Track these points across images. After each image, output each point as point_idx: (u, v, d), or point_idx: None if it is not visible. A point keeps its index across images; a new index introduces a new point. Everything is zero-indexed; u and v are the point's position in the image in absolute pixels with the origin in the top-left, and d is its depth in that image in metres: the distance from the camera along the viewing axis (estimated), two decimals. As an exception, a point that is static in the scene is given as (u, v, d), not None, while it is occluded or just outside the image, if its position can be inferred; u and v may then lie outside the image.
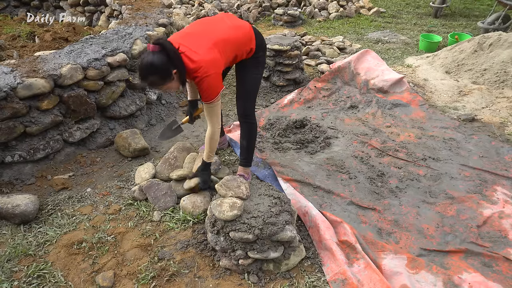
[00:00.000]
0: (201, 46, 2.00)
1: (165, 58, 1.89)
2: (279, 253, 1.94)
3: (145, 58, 1.90)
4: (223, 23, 2.18)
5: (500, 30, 5.40)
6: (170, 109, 3.63)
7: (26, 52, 3.56)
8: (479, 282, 1.93)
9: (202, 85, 2.01)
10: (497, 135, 3.21)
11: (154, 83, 1.96)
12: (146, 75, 1.91)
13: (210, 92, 2.04)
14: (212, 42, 2.03)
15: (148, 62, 1.88)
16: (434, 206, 2.47)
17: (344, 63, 4.06)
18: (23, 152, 2.59)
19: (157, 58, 1.88)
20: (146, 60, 1.89)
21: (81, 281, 1.93)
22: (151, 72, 1.90)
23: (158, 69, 1.89)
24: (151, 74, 1.91)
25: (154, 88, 2.02)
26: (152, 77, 1.92)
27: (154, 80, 1.93)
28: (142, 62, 1.90)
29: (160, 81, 1.94)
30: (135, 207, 2.42)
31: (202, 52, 1.99)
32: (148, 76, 1.92)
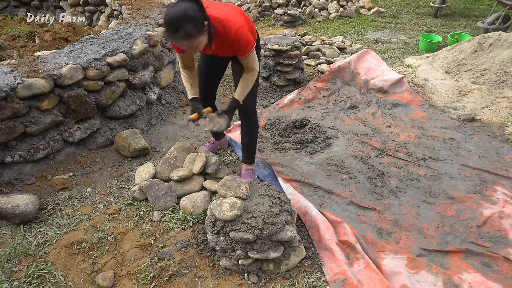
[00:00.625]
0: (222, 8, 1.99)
1: (198, 7, 1.76)
2: (279, 253, 1.94)
3: (175, 7, 1.72)
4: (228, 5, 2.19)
5: (500, 30, 5.40)
6: (170, 109, 3.63)
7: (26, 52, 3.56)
8: (479, 282, 1.93)
9: (239, 35, 1.93)
10: (497, 135, 3.21)
11: (189, 34, 1.75)
12: (181, 24, 1.71)
13: (249, 40, 1.99)
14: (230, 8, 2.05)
15: (182, 10, 1.71)
16: (434, 206, 2.47)
17: (344, 63, 4.06)
18: (23, 152, 2.59)
19: (190, 5, 1.73)
20: (178, 9, 1.71)
21: (81, 281, 1.93)
22: (186, 20, 1.71)
23: (194, 17, 1.73)
24: (186, 23, 1.71)
25: (187, 41, 1.79)
26: (187, 25, 1.72)
27: (190, 30, 1.73)
28: (173, 11, 1.71)
29: (195, 32, 1.76)
30: (135, 207, 2.42)
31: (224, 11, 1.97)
32: (183, 25, 1.71)
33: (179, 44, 1.83)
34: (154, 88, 3.49)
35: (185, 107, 3.72)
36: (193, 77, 2.31)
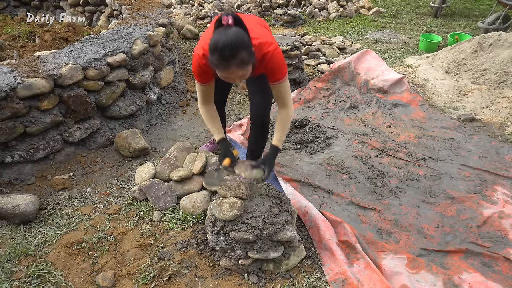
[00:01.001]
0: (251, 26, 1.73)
1: (245, 32, 1.59)
2: (279, 253, 1.94)
3: (227, 33, 1.53)
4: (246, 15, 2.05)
5: (500, 30, 5.40)
6: (170, 109, 3.63)
7: (26, 52, 3.56)
8: (479, 282, 1.93)
9: (275, 58, 1.76)
10: (497, 135, 3.21)
11: (243, 62, 1.57)
12: (237, 51, 1.52)
13: (284, 63, 1.81)
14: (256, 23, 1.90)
15: (235, 35, 1.53)
16: (434, 206, 2.47)
17: (344, 63, 4.06)
18: (23, 152, 2.59)
19: (240, 31, 1.56)
20: (231, 35, 1.53)
21: (81, 281, 1.93)
22: (242, 46, 1.53)
23: (248, 43, 1.57)
24: (242, 49, 1.54)
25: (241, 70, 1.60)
26: (242, 52, 1.54)
27: (244, 57, 1.56)
28: (226, 38, 1.52)
29: (249, 59, 1.58)
30: (135, 207, 2.42)
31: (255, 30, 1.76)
32: (239, 52, 1.53)
33: (230, 74, 1.61)
34: (154, 88, 3.49)
35: (185, 107, 3.72)
36: (215, 114, 2.06)
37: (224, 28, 1.56)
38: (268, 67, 1.79)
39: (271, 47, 1.74)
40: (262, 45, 1.72)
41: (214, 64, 1.60)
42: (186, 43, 5.34)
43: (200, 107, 2.06)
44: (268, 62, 1.76)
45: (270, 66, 1.78)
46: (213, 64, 1.61)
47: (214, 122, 2.07)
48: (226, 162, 1.98)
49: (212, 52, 1.57)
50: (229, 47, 1.52)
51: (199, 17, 6.40)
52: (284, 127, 2.01)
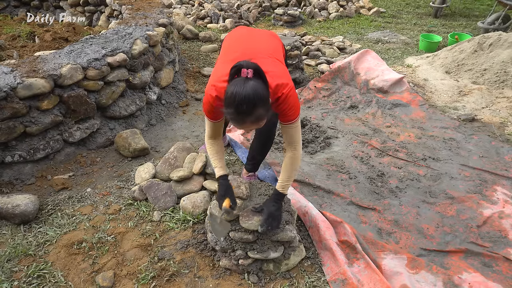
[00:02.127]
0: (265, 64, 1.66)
1: (263, 83, 1.53)
2: (279, 253, 1.93)
3: (246, 87, 1.45)
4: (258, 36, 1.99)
5: (500, 30, 5.40)
6: (170, 109, 3.63)
7: (26, 52, 3.55)
8: (479, 282, 1.93)
9: (289, 100, 1.69)
10: (497, 135, 3.21)
11: (259, 118, 1.52)
12: (253, 108, 1.46)
13: (296, 105, 1.74)
14: (268, 55, 1.81)
15: (253, 92, 1.45)
16: (434, 206, 2.47)
17: (344, 63, 4.06)
18: (23, 152, 2.59)
19: (259, 84, 1.49)
20: (250, 89, 1.45)
21: (81, 281, 1.93)
22: (259, 104, 1.47)
23: (265, 99, 1.51)
24: (259, 106, 1.47)
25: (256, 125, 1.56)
26: (260, 109, 1.48)
27: (261, 113, 1.50)
28: (244, 93, 1.44)
29: (265, 114, 1.53)
30: (135, 207, 2.42)
31: (270, 69, 1.67)
32: (256, 109, 1.47)
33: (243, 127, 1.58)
34: (154, 88, 3.49)
35: (185, 107, 3.72)
36: (220, 149, 1.99)
37: (243, 80, 1.48)
38: (281, 108, 1.72)
39: (286, 89, 1.67)
40: (278, 87, 1.65)
41: (229, 116, 1.53)
42: (186, 43, 5.34)
43: (207, 141, 1.98)
44: (282, 104, 1.70)
45: (283, 108, 1.71)
46: (228, 116, 1.54)
47: (219, 158, 1.97)
48: (226, 204, 1.81)
49: (227, 105, 1.49)
50: (246, 104, 1.44)
51: (199, 17, 6.40)
52: (291, 169, 1.86)
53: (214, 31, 5.72)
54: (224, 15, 6.34)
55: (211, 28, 6.01)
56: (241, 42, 1.94)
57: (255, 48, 1.86)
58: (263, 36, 2.03)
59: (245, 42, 1.94)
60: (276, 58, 1.83)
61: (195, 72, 4.43)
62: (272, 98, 1.65)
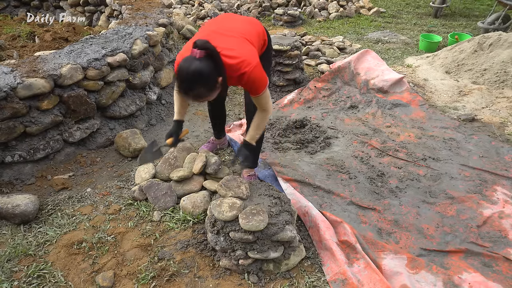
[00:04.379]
0: (233, 42, 1.85)
1: (213, 64, 1.67)
2: (279, 253, 1.93)
3: (190, 66, 1.62)
4: (236, 19, 2.10)
5: (500, 30, 5.40)
6: (170, 109, 3.63)
7: (26, 52, 3.56)
8: (479, 282, 1.93)
9: (253, 77, 1.83)
10: (497, 135, 3.21)
11: (199, 96, 1.71)
12: (193, 86, 1.64)
13: (262, 81, 1.89)
14: (240, 35, 1.93)
15: (196, 71, 1.61)
16: (434, 206, 2.47)
17: (344, 63, 4.06)
18: (23, 152, 2.59)
19: (205, 65, 1.63)
20: (193, 68, 1.61)
21: (81, 281, 1.93)
22: (200, 82, 1.63)
23: (208, 79, 1.66)
24: (200, 85, 1.64)
25: (196, 100, 1.78)
26: (200, 88, 1.66)
27: (201, 92, 1.68)
28: (187, 71, 1.63)
29: (207, 92, 1.71)
30: (135, 207, 2.42)
31: (236, 47, 1.83)
32: (196, 87, 1.65)
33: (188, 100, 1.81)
34: (154, 88, 3.49)
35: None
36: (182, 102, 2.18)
37: (191, 59, 1.64)
38: (246, 85, 1.89)
39: (248, 68, 1.80)
40: (240, 65, 1.79)
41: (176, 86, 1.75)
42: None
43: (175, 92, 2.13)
44: (246, 81, 1.85)
45: (248, 85, 1.88)
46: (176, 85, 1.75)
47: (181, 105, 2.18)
48: (169, 141, 2.17)
49: (176, 77, 1.71)
50: (187, 82, 1.65)
51: (199, 17, 6.40)
52: (257, 124, 2.07)
53: (214, 31, 5.71)
54: (224, 15, 6.33)
55: (211, 28, 6.00)
56: (218, 21, 2.08)
57: (228, 27, 1.99)
58: (243, 20, 2.13)
59: (222, 21, 2.07)
60: (246, 39, 1.94)
61: (195, 72, 4.42)
62: (236, 74, 1.82)
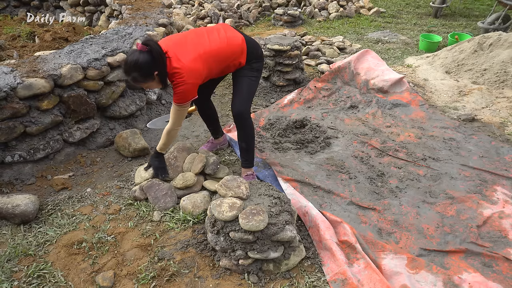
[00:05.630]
0: (187, 55, 2.12)
1: (150, 59, 2.00)
2: (279, 253, 1.93)
3: (131, 55, 2.01)
4: (215, 36, 2.27)
5: (500, 30, 5.40)
6: (170, 109, 3.63)
7: (26, 52, 3.56)
8: (479, 282, 1.93)
9: (177, 88, 2.13)
10: (497, 135, 3.21)
11: (135, 80, 2.06)
12: (129, 71, 2.03)
13: (182, 97, 2.15)
14: (198, 53, 2.15)
15: (133, 60, 1.99)
16: (434, 206, 2.47)
17: (344, 63, 4.06)
18: (23, 152, 2.59)
19: (142, 57, 1.98)
20: (132, 58, 2.00)
21: (81, 281, 1.93)
22: (134, 69, 2.01)
23: (142, 68, 2.00)
24: (133, 71, 2.02)
25: (135, 83, 2.12)
26: (134, 73, 2.02)
27: (136, 76, 2.04)
28: (128, 59, 2.02)
29: (141, 79, 2.06)
30: (135, 207, 2.42)
31: (186, 60, 2.10)
32: (131, 72, 2.03)
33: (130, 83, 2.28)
34: (154, 88, 3.49)
35: (185, 107, 3.72)
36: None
37: (134, 50, 2.03)
38: (173, 89, 2.17)
39: (178, 79, 2.10)
40: (174, 74, 2.10)
41: None
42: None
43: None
44: (173, 87, 2.16)
45: (173, 90, 2.17)
46: None
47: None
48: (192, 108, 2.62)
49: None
50: (125, 66, 2.04)
51: (199, 17, 6.40)
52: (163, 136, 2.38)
53: (214, 31, 5.71)
54: (224, 15, 6.34)
55: (211, 28, 6.00)
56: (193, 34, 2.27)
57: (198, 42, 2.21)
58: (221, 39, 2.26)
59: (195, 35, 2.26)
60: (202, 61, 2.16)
61: (195, 72, 4.42)
62: (170, 78, 2.14)
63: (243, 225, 1.84)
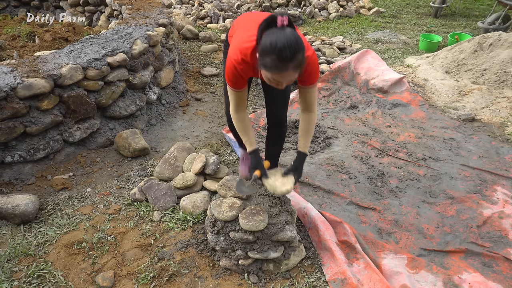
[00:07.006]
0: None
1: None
2: (279, 253, 1.93)
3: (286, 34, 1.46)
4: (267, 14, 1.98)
5: (500, 30, 5.40)
6: (170, 109, 3.63)
7: (26, 52, 3.55)
8: (479, 282, 1.93)
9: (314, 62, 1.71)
10: (497, 135, 3.21)
11: (300, 64, 1.52)
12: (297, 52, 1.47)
13: (318, 69, 1.78)
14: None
15: (293, 37, 1.46)
16: (434, 206, 2.47)
17: (344, 63, 4.06)
18: (23, 152, 2.59)
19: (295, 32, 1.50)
20: (290, 35, 1.46)
21: (81, 281, 1.93)
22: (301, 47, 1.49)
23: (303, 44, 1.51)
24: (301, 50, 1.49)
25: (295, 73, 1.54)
26: (300, 54, 1.49)
27: (301, 59, 1.51)
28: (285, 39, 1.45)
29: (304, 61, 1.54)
30: (135, 207, 2.42)
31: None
32: (299, 53, 1.48)
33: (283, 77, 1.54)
34: (154, 88, 3.49)
35: (185, 107, 3.72)
36: (248, 123, 1.98)
37: (279, 29, 1.49)
38: (308, 69, 1.71)
39: (310, 52, 1.67)
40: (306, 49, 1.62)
41: (268, 66, 1.52)
42: (186, 43, 5.34)
43: (233, 115, 1.94)
44: (309, 65, 1.69)
45: (309, 69, 1.71)
46: (266, 66, 1.52)
47: (247, 132, 1.98)
48: (257, 173, 1.92)
49: (267, 53, 1.48)
50: (289, 48, 1.45)
51: (199, 17, 6.40)
52: (309, 132, 1.96)
53: (214, 31, 5.72)
54: (224, 15, 6.34)
55: (211, 28, 6.01)
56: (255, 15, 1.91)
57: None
58: None
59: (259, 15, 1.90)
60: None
61: (195, 72, 4.43)
62: None
63: (243, 225, 1.84)
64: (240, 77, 1.77)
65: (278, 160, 2.53)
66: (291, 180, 1.91)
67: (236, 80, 1.78)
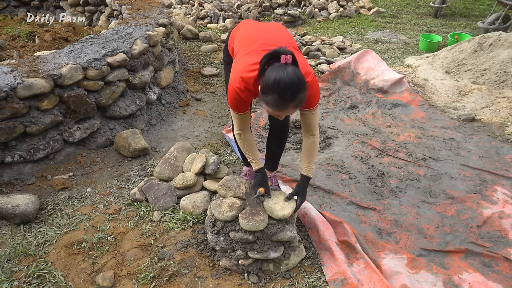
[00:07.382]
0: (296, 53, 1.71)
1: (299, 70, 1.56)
2: (279, 253, 1.93)
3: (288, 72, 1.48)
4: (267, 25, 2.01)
5: (500, 30, 5.40)
6: (170, 109, 3.63)
7: (26, 52, 3.55)
8: (479, 282, 1.93)
9: (312, 87, 1.72)
10: (497, 135, 3.21)
11: (300, 102, 1.56)
12: (298, 93, 1.50)
13: (318, 92, 1.79)
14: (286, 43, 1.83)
15: (295, 77, 1.48)
16: (434, 206, 2.47)
17: (344, 63, 4.06)
18: (23, 152, 2.58)
19: (297, 70, 1.52)
20: (292, 74, 1.48)
21: (81, 281, 1.93)
22: (302, 88, 1.51)
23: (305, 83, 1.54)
24: (302, 91, 1.52)
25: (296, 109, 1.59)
26: (302, 94, 1.53)
27: (302, 98, 1.54)
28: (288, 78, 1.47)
29: (304, 98, 1.57)
30: (135, 207, 2.42)
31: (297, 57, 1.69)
32: (300, 94, 1.51)
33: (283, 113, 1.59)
34: (154, 88, 3.49)
35: (185, 107, 3.72)
36: (253, 143, 2.02)
37: (283, 66, 1.51)
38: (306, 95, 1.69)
39: (309, 77, 1.70)
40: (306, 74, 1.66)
41: (269, 104, 1.55)
42: (186, 43, 5.34)
43: (238, 136, 1.99)
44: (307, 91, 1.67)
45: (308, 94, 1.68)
46: (268, 103, 1.55)
47: (252, 151, 2.02)
48: (261, 189, 1.96)
49: (269, 91, 1.51)
50: (291, 89, 1.48)
51: (199, 17, 6.40)
52: (312, 155, 1.97)
53: (214, 31, 5.72)
54: (224, 15, 6.34)
55: (211, 28, 6.01)
56: (256, 33, 1.91)
57: (272, 38, 1.85)
58: (274, 27, 2.01)
59: (259, 32, 1.92)
60: (293, 47, 1.83)
61: (195, 72, 4.43)
62: None
63: (243, 225, 1.84)
64: (243, 102, 1.80)
65: (279, 162, 2.54)
66: (292, 205, 1.95)
67: (239, 105, 1.81)
